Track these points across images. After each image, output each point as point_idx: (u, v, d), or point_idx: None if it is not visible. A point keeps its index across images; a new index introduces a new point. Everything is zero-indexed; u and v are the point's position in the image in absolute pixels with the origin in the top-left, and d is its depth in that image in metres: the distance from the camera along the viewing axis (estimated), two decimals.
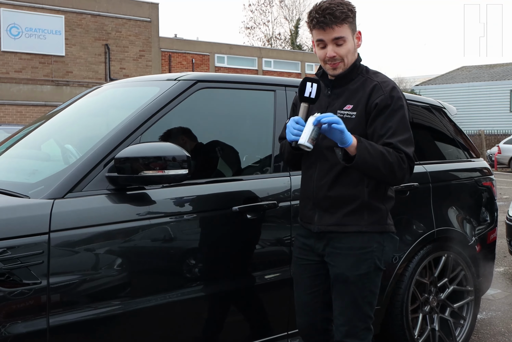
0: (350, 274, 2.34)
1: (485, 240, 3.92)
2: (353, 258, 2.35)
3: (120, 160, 2.33)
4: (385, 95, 2.29)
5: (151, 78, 3.22)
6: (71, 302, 2.22)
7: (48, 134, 3.17)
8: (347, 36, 2.30)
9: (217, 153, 2.95)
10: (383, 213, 2.40)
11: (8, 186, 2.44)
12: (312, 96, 2.26)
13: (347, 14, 2.28)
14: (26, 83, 20.11)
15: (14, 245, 2.09)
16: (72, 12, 20.97)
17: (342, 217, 2.36)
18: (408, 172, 2.28)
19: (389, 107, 2.28)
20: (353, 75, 2.38)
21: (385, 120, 2.27)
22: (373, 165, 2.19)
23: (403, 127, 2.28)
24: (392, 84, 2.35)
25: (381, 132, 2.26)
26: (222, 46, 27.40)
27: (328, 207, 2.38)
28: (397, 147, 2.23)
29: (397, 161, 2.21)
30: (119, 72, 22.10)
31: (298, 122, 2.22)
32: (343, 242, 2.37)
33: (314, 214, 2.42)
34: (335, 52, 2.30)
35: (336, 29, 2.27)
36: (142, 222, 2.41)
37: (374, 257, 2.36)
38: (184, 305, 2.51)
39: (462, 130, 4.21)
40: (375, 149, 2.19)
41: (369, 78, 2.37)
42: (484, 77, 33.32)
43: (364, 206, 2.35)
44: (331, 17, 2.25)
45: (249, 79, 3.11)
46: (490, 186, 4.06)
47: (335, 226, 2.37)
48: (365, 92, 2.32)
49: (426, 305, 3.45)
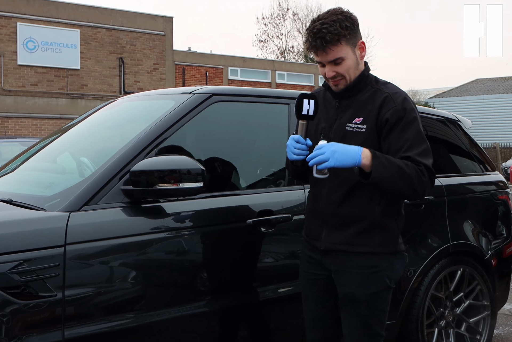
0: (360, 293, 2.26)
1: (501, 254, 3.87)
2: (363, 277, 2.26)
3: (135, 173, 2.34)
4: (396, 108, 2.20)
5: (166, 91, 3.24)
6: (86, 315, 2.22)
7: (63, 147, 3.20)
8: (344, 55, 2.20)
9: (232, 166, 2.95)
10: (395, 232, 2.31)
11: (24, 199, 2.46)
12: (310, 113, 2.19)
13: (340, 34, 2.16)
14: (42, 96, 20.32)
15: (30, 258, 2.11)
16: (87, 26, 21.21)
17: (352, 237, 2.26)
18: (429, 185, 2.18)
19: (402, 119, 2.19)
20: (361, 86, 2.29)
21: (400, 133, 2.18)
22: (391, 179, 2.09)
23: (419, 139, 2.19)
24: (403, 95, 2.26)
25: (397, 146, 2.17)
26: (235, 59, 27.53)
27: (336, 225, 2.29)
28: (415, 160, 2.14)
29: (416, 174, 2.11)
30: (133, 85, 22.26)
31: (298, 141, 2.18)
32: (352, 261, 2.28)
33: (322, 231, 2.33)
34: (334, 71, 2.23)
35: (329, 52, 2.18)
36: (156, 235, 2.41)
37: (384, 276, 2.27)
38: (197, 318, 2.51)
39: (477, 143, 4.19)
40: (392, 163, 2.10)
41: (379, 89, 2.28)
42: (498, 89, 33.20)
43: (375, 225, 2.26)
44: (323, 42, 2.16)
45: (263, 92, 3.12)
46: (506, 199, 4.03)
47: (343, 245, 2.27)
48: (375, 104, 2.23)
49: (442, 320, 3.41)
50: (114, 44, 21.85)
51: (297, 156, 2.18)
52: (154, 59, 22.97)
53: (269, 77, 28.39)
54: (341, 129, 2.28)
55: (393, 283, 2.33)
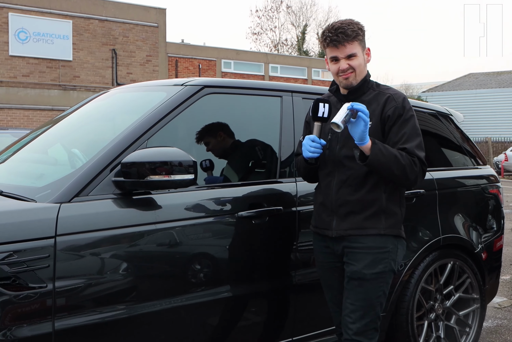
0: (367, 272, 2.47)
1: (491, 248, 3.90)
2: (371, 256, 2.48)
3: (127, 165, 2.33)
4: (397, 106, 2.51)
5: (158, 83, 3.23)
6: (76, 306, 2.22)
7: (55, 139, 3.18)
8: (358, 52, 2.52)
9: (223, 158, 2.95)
10: (399, 217, 2.57)
11: (15, 190, 2.45)
12: (325, 115, 2.44)
13: (358, 33, 2.51)
14: (34, 88, 20.20)
15: (20, 249, 2.10)
16: (80, 17, 21.08)
17: (362, 221, 2.50)
18: (420, 175, 2.48)
19: (402, 116, 2.50)
20: (364, 89, 2.58)
21: (399, 128, 2.49)
22: (386, 165, 2.38)
23: (415, 133, 2.50)
24: (403, 96, 2.58)
25: (396, 139, 2.48)
26: (229, 51, 27.45)
27: (346, 213, 2.52)
28: (410, 152, 2.44)
29: (410, 163, 2.42)
30: (126, 77, 22.17)
31: (314, 140, 2.42)
32: (361, 242, 2.50)
33: (332, 220, 2.55)
34: (348, 64, 2.51)
35: (348, 46, 2.49)
36: (148, 226, 2.41)
37: (389, 258, 2.51)
38: (189, 310, 2.51)
39: (469, 137, 4.20)
40: (389, 151, 2.39)
41: (381, 91, 2.58)
42: (491, 84, 33.28)
43: (382, 210, 2.51)
44: (343, 35, 2.47)
45: (256, 84, 3.12)
46: (496, 193, 4.04)
47: (354, 230, 2.51)
48: (379, 103, 2.53)
49: (432, 313, 3.43)
50: (106, 36, 21.73)
51: (312, 153, 2.42)
52: (147, 51, 22.87)
53: (263, 70, 28.34)
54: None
55: (396, 267, 2.56)
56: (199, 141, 2.85)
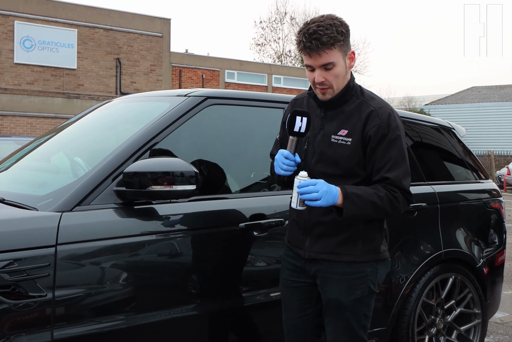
0: (345, 300, 2.27)
1: (493, 263, 3.88)
2: (347, 283, 2.28)
3: (129, 175, 2.33)
4: (381, 124, 2.21)
5: (161, 93, 3.24)
6: (75, 316, 2.21)
7: (58, 147, 3.19)
8: (336, 61, 2.18)
9: (225, 169, 2.95)
10: (378, 242, 2.33)
11: (16, 198, 2.45)
12: (302, 130, 2.21)
13: (336, 38, 2.14)
14: (38, 95, 20.26)
15: (20, 257, 2.10)
16: (85, 26, 21.18)
17: (336, 246, 2.28)
18: (403, 207, 2.25)
19: (386, 137, 2.20)
20: (347, 97, 2.28)
21: (383, 152, 2.21)
22: (364, 215, 2.18)
23: (401, 159, 2.23)
24: (388, 111, 2.25)
25: (380, 165, 2.21)
26: (232, 62, 27.55)
27: (320, 234, 2.30)
28: (394, 184, 2.19)
29: (390, 203, 2.19)
30: (129, 86, 22.23)
31: (287, 157, 2.20)
32: (336, 268, 2.29)
33: (305, 240, 2.35)
34: (323, 77, 2.20)
35: (323, 55, 2.15)
36: (148, 236, 2.41)
37: (368, 281, 2.29)
38: (188, 321, 2.50)
39: (471, 151, 4.20)
40: (364, 200, 2.15)
41: (365, 101, 2.27)
42: (494, 97, 33.33)
43: (358, 235, 2.28)
44: (318, 43, 2.12)
45: (259, 96, 3.12)
46: (498, 208, 4.03)
47: (327, 254, 2.29)
48: (360, 117, 2.23)
49: (433, 327, 3.41)
50: (111, 45, 21.82)
51: (285, 171, 2.21)
52: (151, 60, 22.95)
53: (266, 80, 28.42)
54: (326, 140, 2.29)
55: (376, 288, 2.35)
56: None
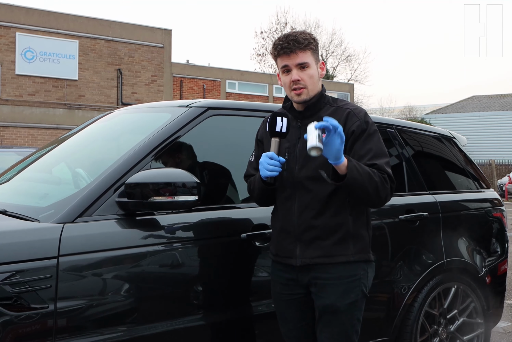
0: (340, 304, 2.33)
1: (495, 272, 3.87)
2: (342, 287, 2.34)
3: (131, 186, 2.34)
4: (360, 121, 2.36)
5: (163, 104, 3.25)
6: (77, 327, 2.20)
7: (59, 158, 3.20)
8: (310, 62, 2.38)
9: (227, 179, 2.95)
10: (366, 241, 2.42)
11: (18, 209, 2.45)
12: (283, 130, 2.29)
13: (310, 41, 2.38)
14: (39, 106, 20.32)
15: (23, 269, 2.09)
16: (86, 37, 21.28)
17: (330, 248, 2.34)
18: (389, 193, 2.33)
19: (365, 131, 2.35)
20: (321, 105, 2.43)
21: (364, 142, 2.34)
22: (361, 182, 2.21)
23: (382, 150, 2.37)
24: (363, 111, 2.44)
25: (361, 153, 2.32)
26: (233, 72, 27.63)
27: (311, 239, 2.35)
28: (381, 168, 2.29)
29: (381, 180, 2.27)
30: (131, 96, 22.30)
31: (272, 158, 2.25)
32: (331, 272, 2.34)
33: (295, 248, 2.38)
34: (299, 76, 2.36)
35: (299, 54, 2.36)
36: (150, 247, 2.41)
37: (361, 285, 2.38)
38: (190, 332, 2.49)
39: (472, 160, 4.20)
40: (363, 168, 2.23)
41: (340, 107, 2.43)
42: (494, 106, 33.38)
43: (349, 234, 2.35)
44: (295, 42, 2.34)
45: (260, 106, 3.13)
46: (500, 217, 4.03)
47: (321, 258, 2.34)
48: (340, 119, 2.34)
49: (436, 337, 3.40)
50: (112, 56, 21.91)
51: (271, 172, 2.25)
52: (152, 71, 23.03)
53: (267, 90, 28.49)
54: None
55: (367, 291, 2.42)
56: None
